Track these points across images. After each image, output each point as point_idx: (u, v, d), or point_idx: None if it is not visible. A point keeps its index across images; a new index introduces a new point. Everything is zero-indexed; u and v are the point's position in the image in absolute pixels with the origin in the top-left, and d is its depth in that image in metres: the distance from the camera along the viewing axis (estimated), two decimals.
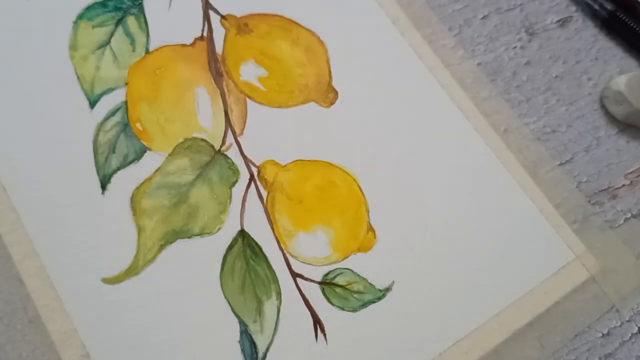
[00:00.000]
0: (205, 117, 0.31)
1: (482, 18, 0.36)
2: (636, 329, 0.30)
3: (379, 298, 0.29)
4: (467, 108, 0.34)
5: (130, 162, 0.30)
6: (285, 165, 0.31)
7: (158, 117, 0.31)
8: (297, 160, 0.31)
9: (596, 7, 0.36)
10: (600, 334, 0.29)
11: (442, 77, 0.34)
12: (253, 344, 0.28)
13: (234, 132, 0.31)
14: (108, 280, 0.29)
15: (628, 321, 0.30)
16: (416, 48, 0.35)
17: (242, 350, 0.28)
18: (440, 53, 0.35)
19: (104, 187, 0.30)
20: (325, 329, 0.29)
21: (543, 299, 0.30)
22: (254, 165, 0.31)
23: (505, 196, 0.32)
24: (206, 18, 0.33)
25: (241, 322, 0.29)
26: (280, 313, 0.29)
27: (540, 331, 0.29)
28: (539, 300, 0.30)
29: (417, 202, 0.31)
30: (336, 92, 0.33)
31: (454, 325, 0.29)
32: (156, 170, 0.30)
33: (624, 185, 0.34)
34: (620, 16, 0.36)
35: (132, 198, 0.30)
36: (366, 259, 0.30)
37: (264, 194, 0.31)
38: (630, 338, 0.29)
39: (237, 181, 0.31)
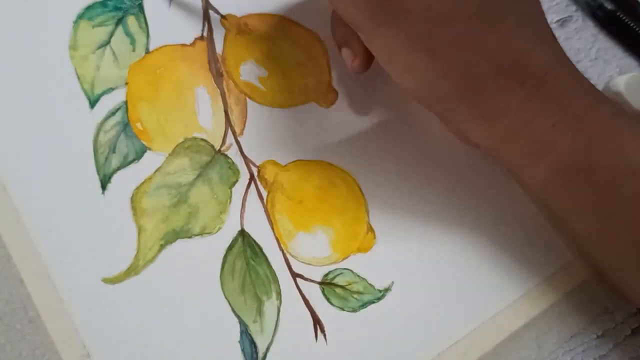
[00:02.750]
0: (205, 117, 0.31)
1: None
2: (630, 330, 0.30)
3: (379, 298, 0.30)
4: None
5: (130, 162, 0.30)
6: (286, 165, 0.31)
7: (158, 116, 0.31)
8: (297, 160, 0.31)
9: (596, 7, 0.36)
10: (595, 336, 0.30)
11: None
12: (253, 344, 0.28)
13: (234, 132, 0.31)
14: (108, 280, 0.29)
15: (622, 323, 0.30)
16: None
17: (242, 350, 0.28)
18: None
19: (104, 187, 0.30)
20: (325, 329, 0.29)
21: (540, 300, 0.30)
22: (254, 165, 0.31)
23: (504, 197, 0.32)
24: (206, 18, 0.33)
25: (241, 322, 0.29)
26: (280, 313, 0.29)
27: (537, 332, 0.29)
28: (535, 302, 0.30)
29: (417, 202, 0.31)
30: (336, 93, 0.33)
31: (453, 326, 0.29)
32: (156, 170, 0.30)
33: None
34: (621, 16, 0.36)
35: (132, 198, 0.30)
36: (366, 259, 0.30)
37: (264, 194, 0.31)
38: (624, 340, 0.30)
39: (237, 181, 0.31)
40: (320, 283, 0.30)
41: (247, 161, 0.31)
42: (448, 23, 0.24)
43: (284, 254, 0.30)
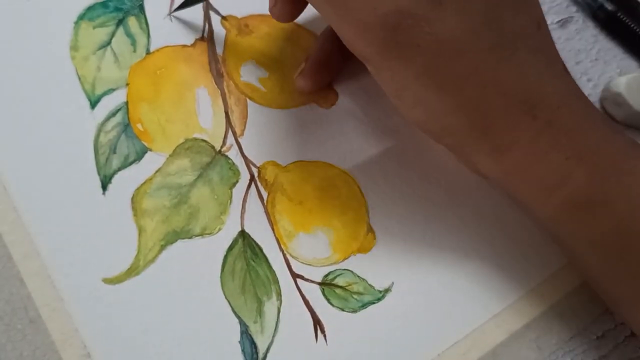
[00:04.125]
0: (205, 117, 0.32)
1: None
2: (629, 331, 0.30)
3: (379, 299, 0.30)
4: None
5: (131, 163, 0.30)
6: (286, 166, 0.31)
7: (159, 117, 0.31)
8: (297, 161, 0.31)
9: (596, 7, 0.36)
10: (595, 337, 0.30)
11: None
12: (253, 344, 0.29)
13: (234, 133, 0.32)
14: (109, 281, 0.29)
15: (622, 324, 0.30)
16: None
17: (243, 350, 0.28)
18: None
19: (104, 187, 0.30)
20: (325, 329, 0.29)
21: (540, 300, 0.30)
22: (255, 166, 0.31)
23: (504, 196, 0.32)
24: (207, 19, 0.33)
25: (241, 323, 0.29)
26: (281, 313, 0.29)
27: (537, 333, 0.29)
28: (536, 302, 0.30)
29: (417, 203, 0.31)
30: (336, 93, 0.33)
31: (453, 326, 0.29)
32: (157, 171, 0.30)
33: None
34: (621, 17, 0.36)
35: (132, 198, 0.30)
36: (366, 260, 0.30)
37: (265, 194, 0.31)
38: (624, 341, 0.30)
39: (237, 182, 0.31)
40: (320, 284, 0.30)
41: (247, 162, 0.31)
42: (460, 57, 0.24)
43: (284, 255, 0.30)
